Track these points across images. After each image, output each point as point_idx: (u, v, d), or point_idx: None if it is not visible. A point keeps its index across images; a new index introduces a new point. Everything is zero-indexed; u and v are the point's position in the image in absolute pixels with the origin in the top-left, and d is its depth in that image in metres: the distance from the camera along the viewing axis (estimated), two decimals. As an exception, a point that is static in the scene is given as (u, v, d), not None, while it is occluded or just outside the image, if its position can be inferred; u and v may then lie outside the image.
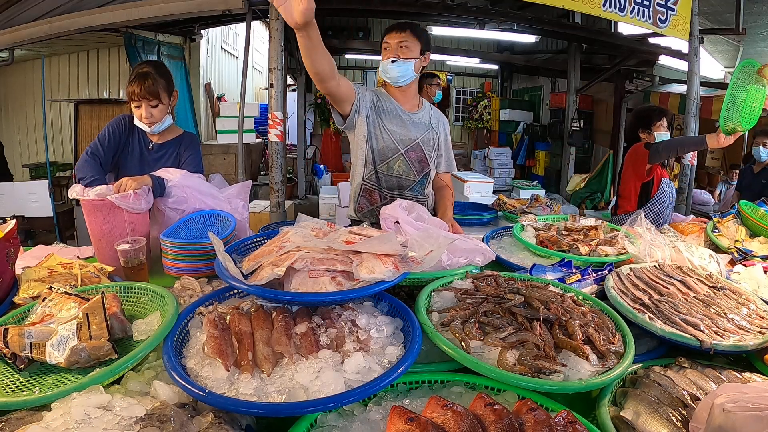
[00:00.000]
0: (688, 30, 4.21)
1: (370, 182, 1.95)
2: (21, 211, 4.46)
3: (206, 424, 0.72)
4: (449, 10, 4.92)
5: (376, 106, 1.90)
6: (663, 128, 2.75)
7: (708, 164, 6.87)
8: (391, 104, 1.92)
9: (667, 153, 2.59)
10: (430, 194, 2.05)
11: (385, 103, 1.91)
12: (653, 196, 2.75)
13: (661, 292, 1.24)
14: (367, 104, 1.87)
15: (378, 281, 0.96)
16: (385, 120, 1.89)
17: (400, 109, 1.92)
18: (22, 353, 0.88)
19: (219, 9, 4.09)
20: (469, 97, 10.62)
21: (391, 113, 1.90)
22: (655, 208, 2.74)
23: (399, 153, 1.91)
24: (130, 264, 1.36)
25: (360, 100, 1.83)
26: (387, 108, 1.91)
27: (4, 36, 4.11)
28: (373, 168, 1.92)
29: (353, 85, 1.80)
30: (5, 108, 6.22)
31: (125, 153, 1.91)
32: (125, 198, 1.49)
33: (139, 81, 1.78)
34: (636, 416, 0.81)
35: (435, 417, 0.71)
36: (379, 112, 1.90)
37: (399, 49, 1.83)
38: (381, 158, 1.91)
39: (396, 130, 1.90)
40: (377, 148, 1.90)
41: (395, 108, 1.92)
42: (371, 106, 1.88)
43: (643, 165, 2.68)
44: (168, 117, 1.88)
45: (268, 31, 3.83)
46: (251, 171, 6.13)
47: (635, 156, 2.75)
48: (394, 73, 1.85)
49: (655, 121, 2.76)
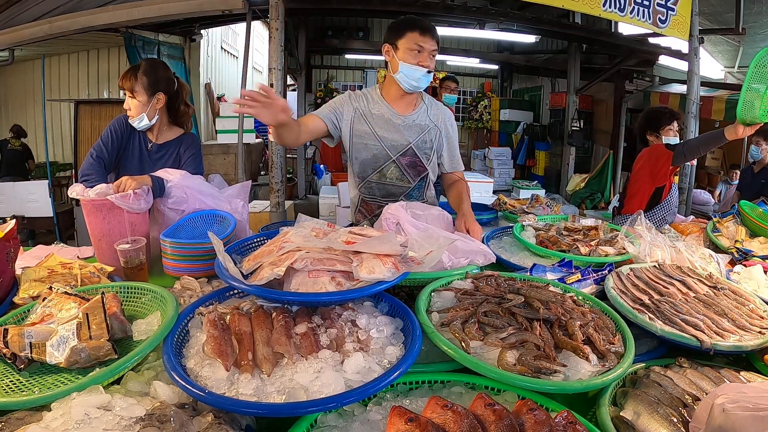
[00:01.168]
0: (688, 30, 4.22)
1: (365, 193, 1.89)
2: (21, 211, 4.47)
3: (206, 424, 0.72)
4: (449, 10, 4.92)
5: (364, 112, 1.79)
6: (672, 132, 2.67)
7: (708, 164, 6.87)
8: (381, 108, 1.81)
9: (691, 153, 2.50)
10: (431, 197, 1.97)
11: (375, 108, 1.81)
12: (662, 201, 2.68)
13: (661, 292, 1.24)
14: (346, 119, 1.79)
15: (378, 281, 0.96)
16: (374, 126, 1.79)
17: (392, 113, 1.81)
18: (22, 353, 0.88)
19: (219, 9, 4.10)
20: (469, 97, 10.62)
21: (381, 118, 1.80)
22: (662, 213, 2.68)
23: (391, 159, 1.82)
24: (130, 264, 1.36)
25: (334, 122, 1.77)
26: (377, 113, 1.80)
27: (4, 36, 4.12)
28: (365, 179, 1.85)
29: (317, 116, 1.75)
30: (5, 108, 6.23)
31: (126, 153, 1.92)
32: (125, 198, 1.49)
33: (126, 72, 1.84)
34: (636, 416, 0.81)
35: (435, 417, 0.71)
36: (368, 118, 1.79)
37: (431, 58, 1.69)
38: (373, 167, 1.83)
39: (386, 135, 1.80)
40: (367, 157, 1.82)
41: (386, 112, 1.81)
42: (353, 116, 1.79)
43: (665, 166, 2.57)
44: (144, 116, 1.84)
45: (268, 31, 3.84)
46: (251, 171, 6.14)
47: (655, 157, 2.63)
48: (424, 83, 1.72)
49: (665, 125, 2.68)
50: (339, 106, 1.80)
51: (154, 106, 1.86)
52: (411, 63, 1.68)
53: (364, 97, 1.83)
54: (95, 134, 5.43)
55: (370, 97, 1.84)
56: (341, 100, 1.82)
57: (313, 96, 9.18)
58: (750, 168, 4.10)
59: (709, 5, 4.71)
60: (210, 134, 6.77)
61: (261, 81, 10.15)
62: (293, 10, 4.72)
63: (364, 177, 1.86)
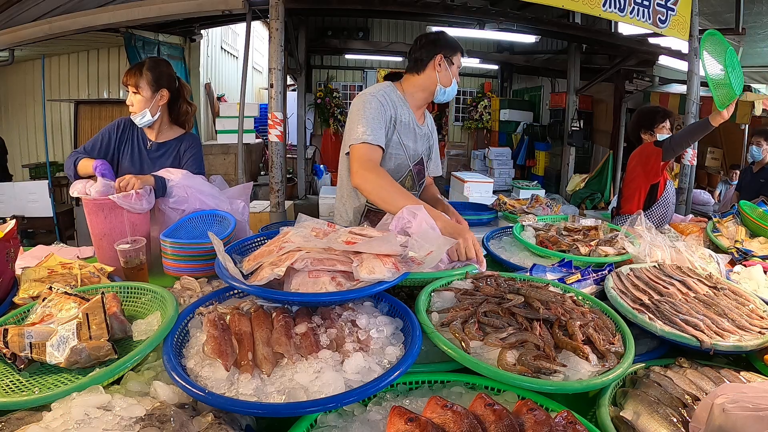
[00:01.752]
0: (688, 30, 4.22)
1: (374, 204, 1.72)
2: (21, 211, 4.47)
3: (206, 425, 0.72)
4: (449, 10, 4.92)
5: (396, 120, 1.71)
6: (666, 130, 2.71)
7: (708, 164, 6.87)
8: (408, 116, 1.77)
9: (679, 146, 2.53)
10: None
11: (403, 115, 1.74)
12: (659, 199, 2.71)
13: (661, 292, 1.24)
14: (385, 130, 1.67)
15: (378, 281, 0.96)
16: (402, 135, 1.74)
17: (415, 122, 1.80)
18: (22, 353, 0.88)
19: (219, 9, 4.10)
20: (469, 97, 10.62)
21: (408, 126, 1.76)
22: (660, 210, 2.70)
23: (408, 169, 1.80)
24: (130, 264, 1.36)
25: (383, 140, 1.65)
26: (405, 120, 1.75)
27: (4, 36, 4.12)
28: None
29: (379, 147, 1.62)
30: (5, 108, 6.22)
31: (123, 152, 1.93)
32: (127, 198, 1.50)
33: (129, 68, 1.87)
34: (636, 416, 0.81)
35: (435, 417, 0.71)
36: (397, 126, 1.72)
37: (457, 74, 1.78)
38: (395, 177, 1.70)
39: (410, 145, 1.78)
40: (391, 168, 1.72)
41: (411, 121, 1.78)
42: (391, 125, 1.70)
43: (656, 164, 2.61)
44: (147, 112, 1.86)
45: (268, 31, 3.84)
46: (251, 171, 6.14)
47: (645, 155, 2.68)
48: (451, 97, 1.81)
49: (659, 123, 2.71)
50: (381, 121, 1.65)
51: (157, 102, 1.88)
52: (456, 81, 1.78)
53: (391, 102, 1.71)
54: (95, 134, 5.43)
55: (396, 102, 1.74)
56: (379, 112, 1.64)
57: (313, 96, 9.19)
58: (749, 168, 4.11)
59: (709, 5, 4.71)
60: (210, 134, 6.77)
61: (261, 81, 10.19)
62: (293, 10, 4.72)
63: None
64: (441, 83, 1.75)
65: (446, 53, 1.74)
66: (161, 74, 1.88)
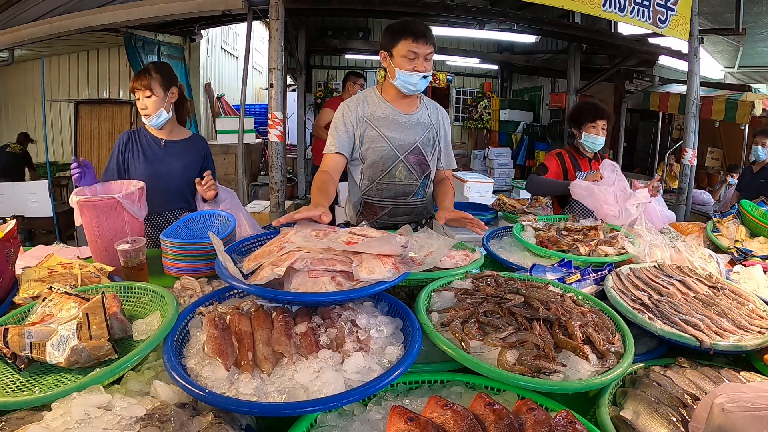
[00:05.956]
0: (688, 30, 4.22)
1: (369, 196, 1.89)
2: (21, 211, 4.47)
3: (206, 424, 0.72)
4: (449, 10, 4.92)
5: (368, 118, 1.80)
6: (595, 130, 2.43)
7: (708, 164, 6.87)
8: (386, 109, 1.82)
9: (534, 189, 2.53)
10: (429, 195, 1.99)
11: (379, 110, 1.81)
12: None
13: (661, 292, 1.24)
14: (351, 133, 1.80)
15: (378, 281, 0.96)
16: (381, 128, 1.80)
17: (397, 113, 1.82)
18: (22, 353, 0.88)
19: (219, 9, 4.10)
20: (469, 97, 10.61)
21: (387, 119, 1.81)
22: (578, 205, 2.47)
23: (398, 159, 1.82)
24: (130, 264, 1.36)
25: (350, 145, 1.80)
26: (382, 114, 1.81)
27: (4, 36, 4.12)
28: (375, 181, 1.85)
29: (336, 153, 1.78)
30: (5, 108, 6.23)
31: (134, 157, 1.96)
32: (130, 198, 1.50)
33: (137, 74, 1.90)
34: (636, 416, 0.81)
35: (435, 417, 0.71)
36: (373, 121, 1.79)
37: (426, 61, 1.71)
38: (382, 169, 1.82)
39: (394, 135, 1.80)
40: (376, 159, 1.81)
41: (391, 112, 1.82)
42: (357, 124, 1.79)
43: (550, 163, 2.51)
44: (162, 111, 1.90)
45: (268, 31, 3.84)
46: (251, 171, 6.14)
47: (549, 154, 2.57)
48: (421, 86, 1.75)
49: (586, 122, 2.44)
50: (346, 123, 1.79)
51: (170, 100, 1.93)
52: (407, 69, 1.71)
53: (364, 101, 1.83)
54: (95, 134, 5.43)
55: (369, 100, 1.84)
56: (345, 117, 1.80)
57: (313, 96, 9.18)
58: (749, 168, 4.10)
59: (709, 5, 4.72)
60: (210, 134, 6.77)
61: (261, 81, 10.19)
62: (293, 10, 4.72)
63: (374, 179, 1.85)
64: (390, 77, 1.79)
65: (386, 48, 1.76)
66: (168, 73, 1.94)
